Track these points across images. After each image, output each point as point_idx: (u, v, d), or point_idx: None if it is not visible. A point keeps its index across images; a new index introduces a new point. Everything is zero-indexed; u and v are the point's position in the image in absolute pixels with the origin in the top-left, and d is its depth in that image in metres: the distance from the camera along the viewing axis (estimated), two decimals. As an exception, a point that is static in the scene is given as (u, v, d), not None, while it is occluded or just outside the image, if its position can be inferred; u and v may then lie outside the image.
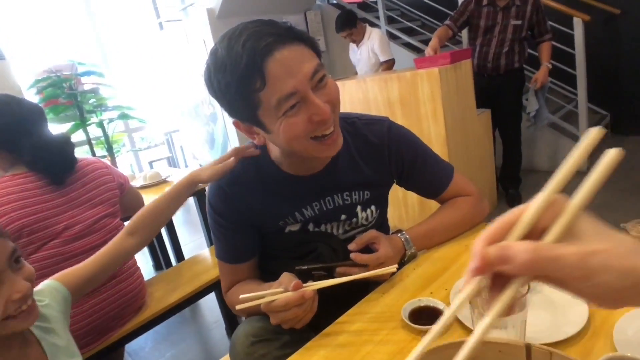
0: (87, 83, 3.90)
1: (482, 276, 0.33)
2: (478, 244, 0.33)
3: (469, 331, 0.67)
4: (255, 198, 0.91)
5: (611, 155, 0.34)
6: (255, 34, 0.69)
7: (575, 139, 3.45)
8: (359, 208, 0.97)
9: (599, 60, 3.87)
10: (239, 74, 0.69)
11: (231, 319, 2.07)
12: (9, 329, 0.63)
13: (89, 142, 3.69)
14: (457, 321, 0.70)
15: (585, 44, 3.21)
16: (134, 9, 4.89)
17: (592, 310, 0.65)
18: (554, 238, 0.33)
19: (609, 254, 0.30)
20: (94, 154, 3.73)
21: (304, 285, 0.75)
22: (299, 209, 0.92)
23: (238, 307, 0.77)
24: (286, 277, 0.77)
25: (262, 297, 0.75)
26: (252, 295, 0.74)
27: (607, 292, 0.30)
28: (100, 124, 3.70)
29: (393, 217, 2.99)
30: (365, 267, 0.85)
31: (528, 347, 0.47)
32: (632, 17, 3.80)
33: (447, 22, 2.91)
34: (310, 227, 0.95)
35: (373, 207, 0.99)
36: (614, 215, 2.63)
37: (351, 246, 0.82)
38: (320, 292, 0.77)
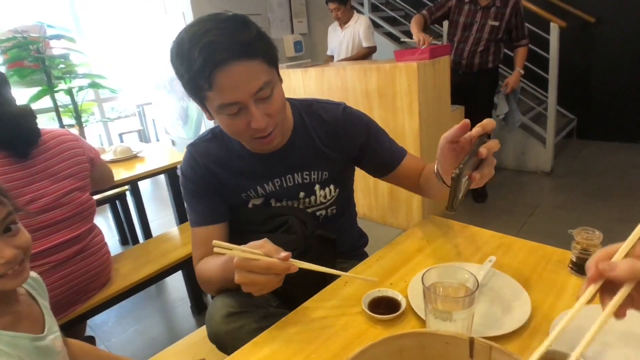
0: (56, 47, 3.72)
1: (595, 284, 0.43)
2: (591, 262, 0.44)
3: (423, 321, 0.72)
4: (221, 169, 1.00)
5: None
6: (214, 44, 0.75)
7: (542, 140, 3.58)
8: (317, 187, 1.04)
9: (571, 65, 4.01)
10: (191, 73, 0.78)
11: (197, 297, 2.09)
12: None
13: (56, 109, 3.55)
14: (412, 312, 0.75)
15: (559, 49, 3.32)
16: (110, -28, 4.67)
17: (533, 308, 0.71)
18: None
19: None
20: (61, 122, 3.60)
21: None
22: (261, 183, 1.00)
23: (216, 249, 0.73)
24: (269, 244, 0.75)
25: (238, 250, 0.73)
26: (229, 245, 0.73)
27: None
28: (69, 92, 3.55)
29: (363, 205, 3.05)
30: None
31: (471, 341, 0.51)
32: (606, 26, 3.94)
33: (424, 11, 2.91)
34: (273, 202, 1.03)
35: (332, 186, 1.06)
36: (572, 215, 2.78)
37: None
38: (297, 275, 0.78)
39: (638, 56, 3.85)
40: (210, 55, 0.75)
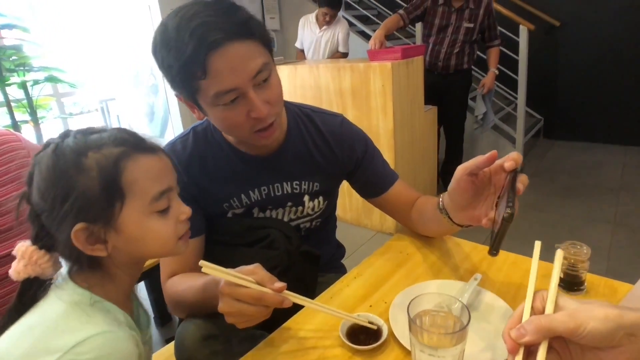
0: (7, 37, 3.47)
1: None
2: (505, 332, 0.44)
3: (406, 351, 0.65)
4: (202, 173, 0.89)
5: (560, 254, 0.51)
6: (206, 25, 0.67)
7: (512, 140, 3.63)
8: (306, 197, 0.96)
9: (537, 67, 4.08)
10: (182, 61, 0.69)
11: (161, 308, 1.97)
12: (179, 249, 0.64)
13: (8, 104, 3.31)
14: (394, 340, 0.68)
15: (527, 51, 3.36)
16: (69, -41, 4.40)
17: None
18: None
19: (590, 307, 0.40)
20: (13, 118, 3.36)
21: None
22: (246, 191, 0.91)
23: (204, 269, 0.61)
24: (262, 271, 0.65)
25: (227, 273, 0.63)
26: (218, 267, 0.62)
27: (600, 336, 0.38)
28: (23, 85, 3.33)
29: (337, 206, 2.98)
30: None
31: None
32: (569, 30, 4.03)
33: (401, 11, 2.90)
34: (255, 212, 0.93)
35: (321, 198, 0.99)
36: (541, 215, 2.82)
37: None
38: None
39: (600, 59, 3.96)
40: (204, 36, 0.66)
